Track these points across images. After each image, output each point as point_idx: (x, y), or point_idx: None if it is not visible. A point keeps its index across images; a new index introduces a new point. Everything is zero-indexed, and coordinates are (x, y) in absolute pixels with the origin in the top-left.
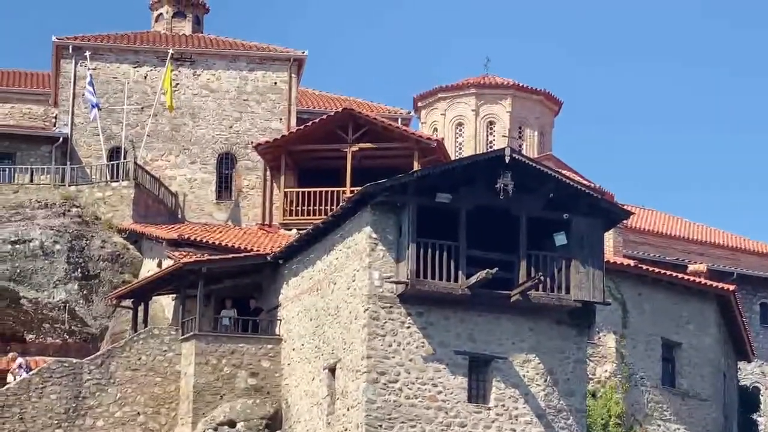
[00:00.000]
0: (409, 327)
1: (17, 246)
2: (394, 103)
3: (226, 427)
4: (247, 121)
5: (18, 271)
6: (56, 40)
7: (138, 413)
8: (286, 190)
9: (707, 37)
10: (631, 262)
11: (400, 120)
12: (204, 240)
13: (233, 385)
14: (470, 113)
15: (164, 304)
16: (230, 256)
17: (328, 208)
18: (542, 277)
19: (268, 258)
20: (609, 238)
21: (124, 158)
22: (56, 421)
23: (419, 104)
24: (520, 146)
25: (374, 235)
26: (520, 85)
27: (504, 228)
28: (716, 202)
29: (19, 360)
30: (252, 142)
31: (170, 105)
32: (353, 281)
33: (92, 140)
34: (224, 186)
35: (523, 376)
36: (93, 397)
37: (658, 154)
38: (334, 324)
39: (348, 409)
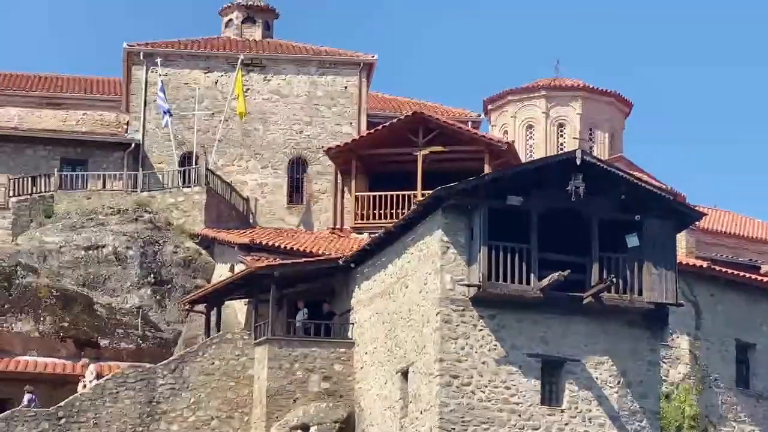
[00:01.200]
0: (481, 330)
1: (90, 252)
2: (464, 106)
3: (299, 430)
4: (317, 125)
5: (92, 276)
6: (127, 46)
7: (212, 417)
8: (357, 194)
9: None
10: (704, 264)
11: (470, 123)
12: (276, 244)
13: (306, 388)
14: (540, 115)
15: (237, 309)
16: (302, 260)
17: (400, 211)
18: (615, 279)
19: (340, 262)
20: (681, 239)
21: (196, 164)
22: (130, 426)
23: (489, 107)
24: (591, 148)
25: (446, 238)
26: (590, 86)
27: (576, 230)
28: None
29: (92, 367)
30: (323, 147)
31: (242, 111)
32: (425, 284)
33: (164, 146)
34: (295, 190)
35: (596, 378)
36: (167, 402)
37: (729, 153)
38: (407, 327)
39: (421, 413)
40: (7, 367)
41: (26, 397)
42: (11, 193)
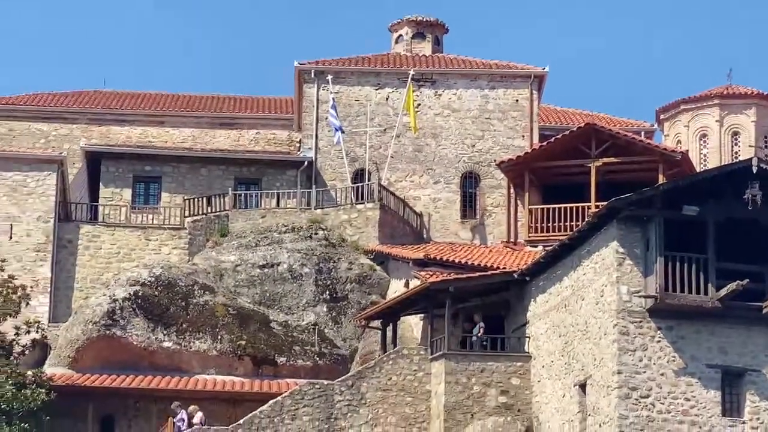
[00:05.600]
0: (659, 341)
1: (266, 270)
2: (637, 117)
3: None
4: (489, 139)
5: (267, 294)
6: (298, 65)
7: None
8: (530, 207)
9: None
10: None
11: (642, 133)
12: (450, 259)
13: (484, 403)
14: (714, 124)
15: (412, 324)
16: (477, 274)
17: (573, 223)
18: None
19: (515, 275)
20: None
21: (369, 180)
22: None
23: (662, 116)
24: (767, 156)
25: (621, 250)
26: (765, 94)
27: (753, 239)
28: None
29: (183, 413)
30: (495, 161)
31: (414, 126)
32: (601, 296)
33: (336, 163)
34: (468, 205)
35: None
36: (345, 419)
37: None
38: (584, 340)
39: (600, 426)
40: (187, 385)
41: (183, 413)
42: (187, 213)
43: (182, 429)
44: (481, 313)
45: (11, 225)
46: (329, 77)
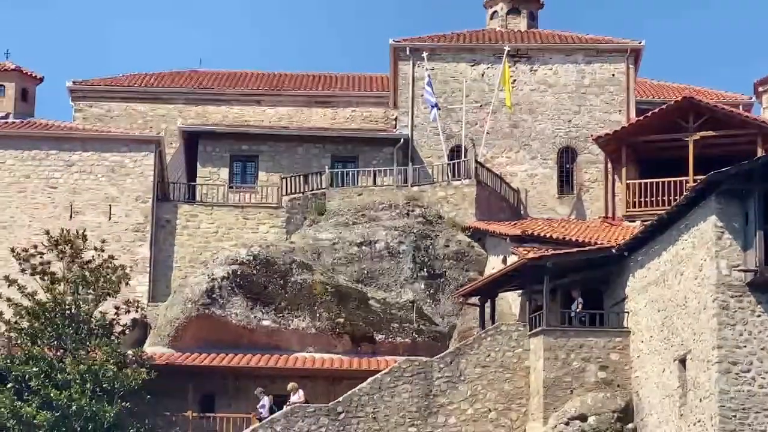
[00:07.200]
0: (759, 315)
1: (364, 247)
2: (734, 89)
3: (577, 421)
4: (585, 114)
5: (365, 272)
6: (393, 42)
7: (489, 410)
8: (628, 181)
9: None
10: None
11: (741, 106)
12: (548, 235)
13: (583, 379)
14: None
15: (510, 300)
16: (575, 250)
17: (671, 198)
18: None
19: (614, 251)
20: None
21: (465, 156)
22: (409, 420)
23: (760, 89)
24: None
25: (720, 224)
26: None
27: None
28: None
29: (266, 399)
30: (592, 135)
31: (509, 104)
32: (700, 271)
33: (432, 140)
34: (565, 180)
35: None
36: (444, 395)
37: None
38: (683, 315)
39: (700, 401)
40: (286, 363)
41: (265, 399)
42: (284, 192)
43: (263, 416)
44: (580, 288)
45: (110, 205)
46: (424, 54)
